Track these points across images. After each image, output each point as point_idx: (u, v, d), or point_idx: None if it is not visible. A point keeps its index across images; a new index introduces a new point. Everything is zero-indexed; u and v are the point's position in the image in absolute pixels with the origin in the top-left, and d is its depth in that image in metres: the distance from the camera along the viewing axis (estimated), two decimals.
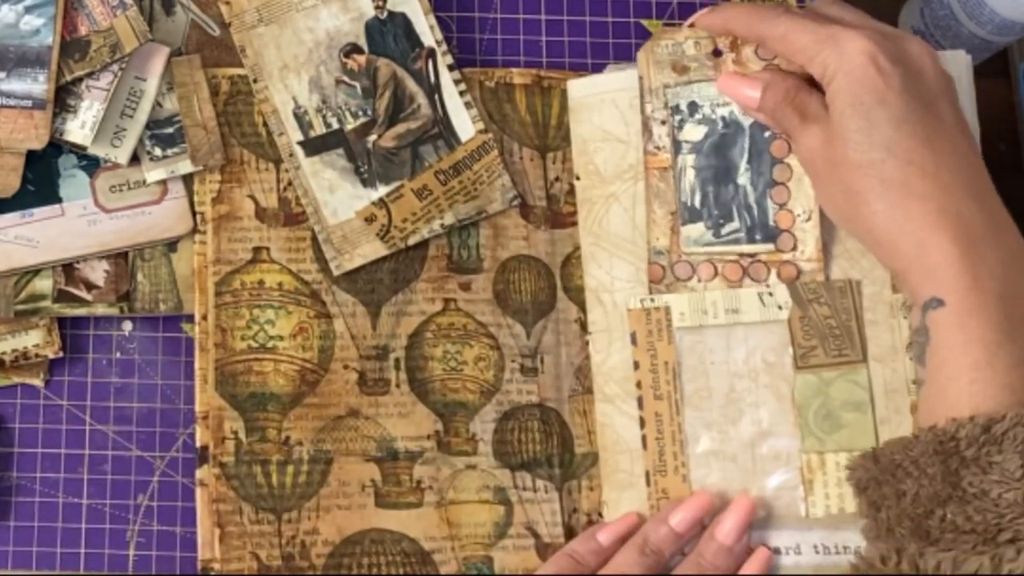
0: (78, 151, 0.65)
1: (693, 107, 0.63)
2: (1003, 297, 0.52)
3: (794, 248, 0.62)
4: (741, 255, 0.62)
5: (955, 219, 0.53)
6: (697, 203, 0.63)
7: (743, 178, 0.63)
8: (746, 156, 0.63)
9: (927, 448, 0.51)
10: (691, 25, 0.63)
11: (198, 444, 0.63)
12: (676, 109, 0.64)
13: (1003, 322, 0.52)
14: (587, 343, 0.65)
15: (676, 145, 0.63)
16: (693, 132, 0.63)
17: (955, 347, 0.52)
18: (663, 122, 0.63)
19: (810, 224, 0.61)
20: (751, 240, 0.62)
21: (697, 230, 0.63)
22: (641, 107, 0.64)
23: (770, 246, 0.62)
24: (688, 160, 0.63)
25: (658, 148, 0.64)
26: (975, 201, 0.54)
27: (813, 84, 0.59)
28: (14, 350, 0.65)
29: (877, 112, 0.54)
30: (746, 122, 0.63)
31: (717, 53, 0.63)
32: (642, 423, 0.63)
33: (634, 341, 0.63)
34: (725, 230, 0.63)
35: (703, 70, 0.63)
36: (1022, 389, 0.51)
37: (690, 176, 0.63)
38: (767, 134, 0.62)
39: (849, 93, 0.55)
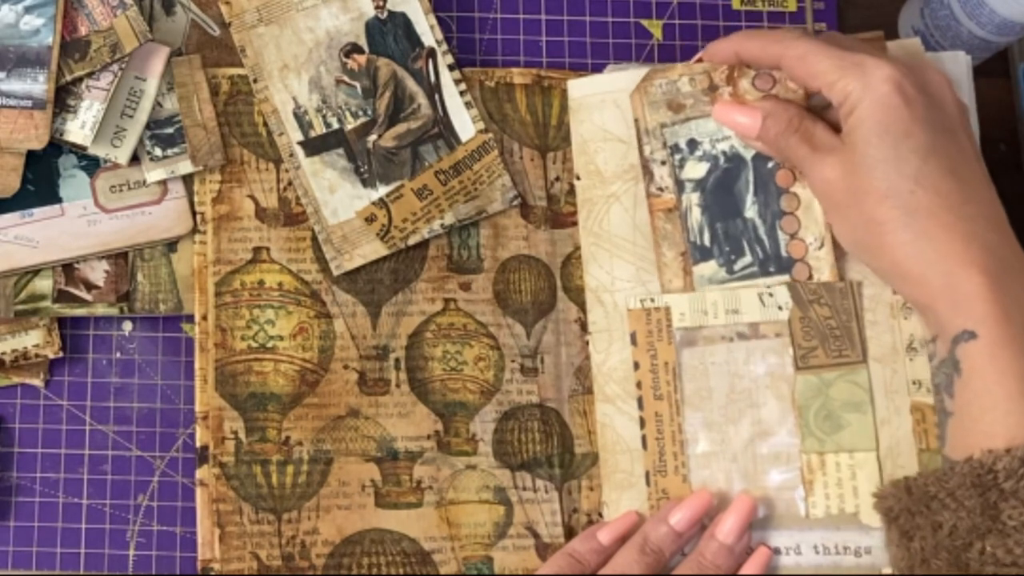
0: (78, 151, 0.65)
1: (693, 144, 0.63)
2: None
3: (810, 277, 0.61)
4: (757, 288, 0.62)
5: (982, 250, 0.53)
6: (707, 241, 0.63)
7: (751, 211, 0.62)
8: (751, 189, 0.62)
9: (964, 480, 0.51)
10: (699, 60, 0.63)
11: (198, 444, 0.63)
12: (675, 148, 0.63)
13: None
14: (587, 343, 0.65)
15: (679, 184, 0.63)
16: (695, 170, 0.63)
17: (989, 379, 0.52)
18: (663, 162, 0.63)
19: (823, 251, 0.61)
20: (765, 273, 0.62)
21: (710, 268, 0.63)
22: (639, 150, 0.64)
23: (785, 277, 0.62)
24: (693, 198, 0.63)
25: (661, 189, 0.63)
26: (996, 232, 0.54)
27: (813, 113, 0.58)
28: (14, 350, 0.65)
29: (905, 143, 0.54)
30: (748, 155, 0.62)
31: (712, 88, 0.62)
32: (642, 423, 0.63)
33: (634, 341, 0.63)
34: (738, 265, 0.62)
35: (700, 106, 0.63)
36: None
37: (696, 214, 0.63)
38: (770, 164, 0.62)
39: (876, 122, 0.54)
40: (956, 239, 0.53)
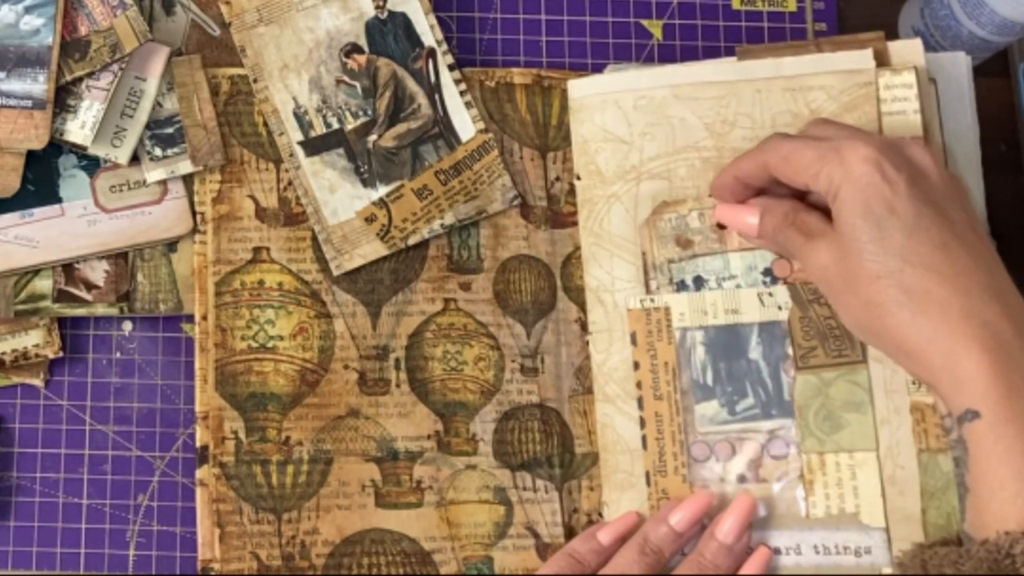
0: (78, 151, 0.65)
1: (699, 281, 0.63)
2: None
3: None
4: (759, 432, 0.62)
5: (981, 325, 0.52)
6: (709, 380, 0.62)
7: (755, 352, 0.62)
8: (756, 329, 0.62)
9: (980, 565, 0.49)
10: (710, 195, 0.63)
11: (198, 444, 0.63)
12: (682, 284, 0.63)
13: None
14: (587, 343, 0.65)
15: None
16: None
17: (995, 459, 0.51)
18: None
19: None
20: (767, 416, 0.62)
21: (711, 408, 0.62)
22: (645, 283, 0.64)
23: (787, 421, 0.61)
24: (697, 336, 0.63)
25: None
26: (998, 303, 0.53)
27: (809, 206, 0.58)
28: (14, 350, 0.65)
29: (888, 221, 0.53)
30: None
31: (722, 225, 0.62)
32: (642, 423, 0.63)
33: (634, 341, 0.63)
34: (740, 407, 0.62)
35: (708, 243, 0.63)
36: None
37: (700, 352, 0.62)
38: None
39: (858, 203, 0.54)
40: (953, 315, 0.52)
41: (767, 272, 0.62)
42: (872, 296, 0.54)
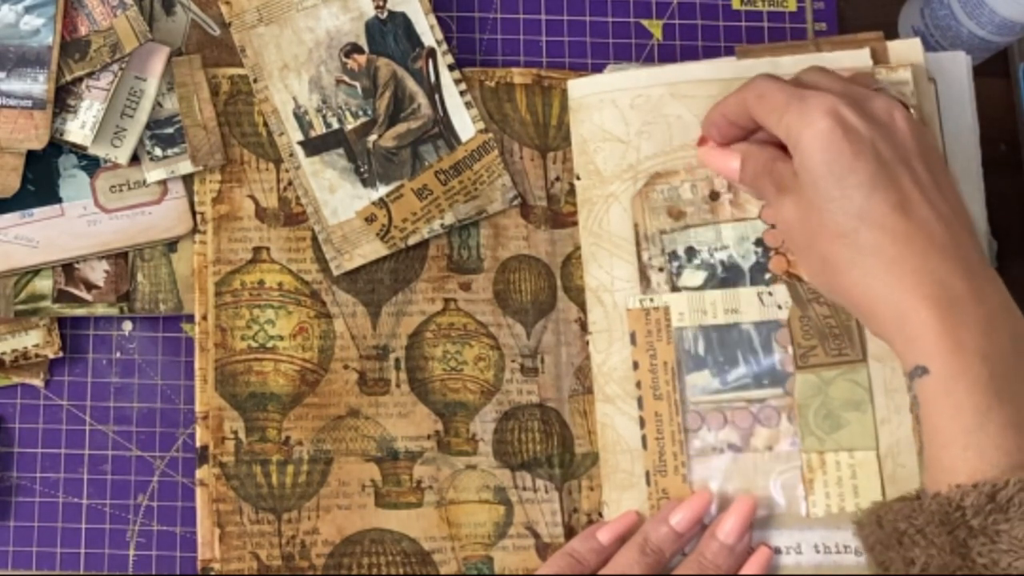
0: (78, 151, 0.65)
1: (691, 252, 0.63)
2: (988, 357, 0.51)
3: None
4: (750, 401, 0.62)
5: (932, 282, 0.52)
6: (700, 350, 0.62)
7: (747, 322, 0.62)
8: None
9: (932, 518, 0.50)
10: (702, 140, 0.62)
11: (198, 444, 0.63)
12: (674, 255, 0.63)
13: (990, 383, 0.50)
14: (587, 343, 0.65)
15: (676, 292, 0.63)
16: (692, 278, 0.63)
17: (944, 414, 0.51)
18: (660, 269, 0.63)
19: None
20: (759, 385, 0.62)
21: (703, 378, 0.62)
22: (637, 254, 0.63)
23: (778, 390, 0.61)
24: None
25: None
26: (954, 261, 0.53)
27: (787, 156, 0.58)
28: (14, 350, 0.65)
29: (848, 178, 0.53)
30: (745, 265, 0.62)
31: (714, 196, 0.63)
32: (642, 423, 0.63)
33: (634, 341, 0.63)
34: (731, 377, 0.62)
35: (700, 214, 0.63)
36: (1017, 451, 0.50)
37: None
38: (767, 276, 0.62)
39: (818, 160, 0.54)
40: (905, 273, 0.52)
41: (759, 243, 0.62)
42: (828, 255, 0.54)
